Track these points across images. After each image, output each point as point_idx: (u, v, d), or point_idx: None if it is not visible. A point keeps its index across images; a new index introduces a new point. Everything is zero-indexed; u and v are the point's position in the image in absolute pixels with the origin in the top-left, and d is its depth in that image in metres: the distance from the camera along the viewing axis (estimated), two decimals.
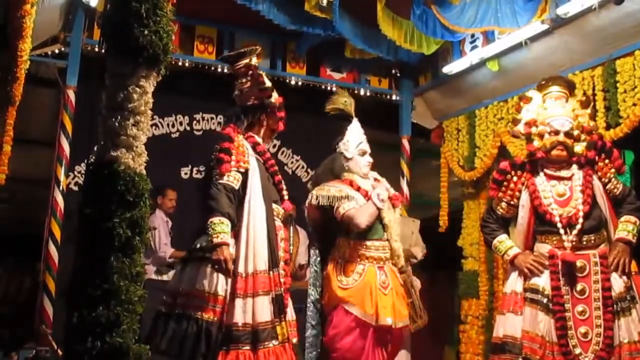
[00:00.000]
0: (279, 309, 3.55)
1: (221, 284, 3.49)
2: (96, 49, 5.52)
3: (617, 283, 3.63)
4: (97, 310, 2.29)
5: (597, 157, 3.77)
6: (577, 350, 3.52)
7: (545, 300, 3.63)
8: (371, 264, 3.93)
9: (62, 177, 5.82)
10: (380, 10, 5.67)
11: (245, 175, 3.63)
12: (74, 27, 5.93)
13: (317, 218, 4.12)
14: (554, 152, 3.73)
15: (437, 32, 5.74)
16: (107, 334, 2.27)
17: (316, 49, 6.73)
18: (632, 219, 3.69)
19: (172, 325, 3.45)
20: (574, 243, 3.66)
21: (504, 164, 3.98)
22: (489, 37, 5.93)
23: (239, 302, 3.45)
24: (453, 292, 7.51)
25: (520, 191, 3.86)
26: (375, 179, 4.24)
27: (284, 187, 3.90)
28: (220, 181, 3.55)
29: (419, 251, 6.24)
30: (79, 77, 5.94)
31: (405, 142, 7.25)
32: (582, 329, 3.55)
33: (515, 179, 3.88)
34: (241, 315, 3.43)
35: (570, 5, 5.00)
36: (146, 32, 2.46)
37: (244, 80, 3.89)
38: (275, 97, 3.98)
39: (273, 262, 3.60)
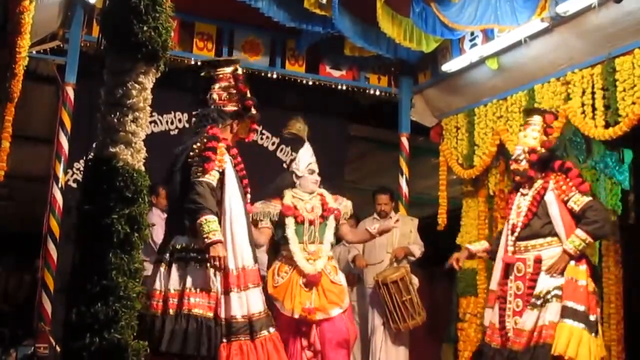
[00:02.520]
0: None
1: (212, 281, 3.67)
2: (95, 46, 5.52)
3: (546, 283, 4.32)
4: (96, 306, 2.29)
5: (555, 176, 4.50)
6: (510, 334, 4.38)
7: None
8: (295, 267, 4.54)
9: (60, 174, 5.81)
10: (379, 8, 5.67)
11: (222, 174, 3.81)
12: (72, 24, 5.90)
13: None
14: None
15: (436, 29, 5.73)
16: (106, 330, 2.27)
17: (316, 46, 6.72)
18: (582, 234, 4.30)
19: (169, 326, 3.57)
20: (514, 247, 4.55)
21: (510, 190, 5.06)
22: (488, 35, 5.92)
23: (234, 296, 3.68)
24: (451, 290, 7.52)
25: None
26: (320, 194, 4.85)
27: (248, 190, 4.11)
28: (203, 179, 3.70)
29: (417, 249, 6.27)
30: (78, 73, 5.91)
31: (404, 140, 7.25)
32: (518, 319, 4.36)
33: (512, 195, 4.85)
34: (238, 308, 3.67)
35: (570, 4, 4.99)
36: (145, 28, 2.45)
37: (224, 85, 4.09)
38: (254, 110, 4.22)
39: (254, 257, 3.87)
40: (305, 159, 4.87)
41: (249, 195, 4.11)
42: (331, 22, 5.84)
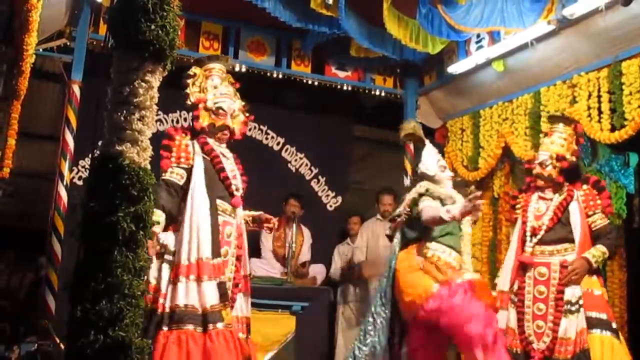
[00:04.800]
0: (221, 296, 3.81)
1: (152, 273, 3.71)
2: (102, 44, 5.53)
3: (573, 291, 4.35)
4: (100, 304, 2.28)
5: (587, 190, 4.59)
6: (531, 338, 4.40)
7: (515, 298, 4.56)
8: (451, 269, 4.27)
9: (66, 172, 5.83)
10: (385, 9, 5.66)
11: (189, 171, 3.93)
12: (79, 22, 5.93)
13: None
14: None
15: (442, 31, 5.73)
16: (110, 327, 2.27)
17: (321, 47, 6.72)
18: (603, 249, 4.41)
19: None
20: (535, 250, 4.53)
21: (514, 192, 5.11)
22: (494, 37, 5.91)
23: (181, 286, 3.72)
24: None
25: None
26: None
27: (235, 183, 4.10)
28: (162, 177, 3.86)
29: None
30: (84, 71, 5.95)
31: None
32: (539, 323, 4.39)
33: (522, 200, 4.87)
34: (184, 297, 3.70)
35: (577, 6, 4.99)
36: (153, 26, 2.45)
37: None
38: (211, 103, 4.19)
39: (214, 252, 3.84)
40: (431, 157, 4.66)
41: (239, 190, 4.11)
42: (337, 23, 5.84)
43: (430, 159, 4.63)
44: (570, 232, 4.49)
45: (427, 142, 4.73)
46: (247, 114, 4.28)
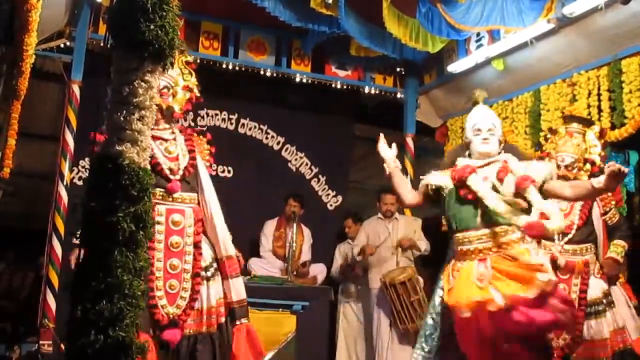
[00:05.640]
0: None
1: None
2: (101, 44, 5.53)
3: (596, 290, 4.46)
4: (101, 304, 2.28)
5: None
6: (550, 335, 4.19)
7: None
8: (470, 259, 3.55)
9: (66, 172, 5.83)
10: (385, 8, 5.66)
11: None
12: (79, 22, 5.94)
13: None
14: None
15: (442, 30, 5.73)
16: (110, 327, 2.27)
17: (321, 46, 6.73)
18: (622, 243, 4.59)
19: None
20: (563, 248, 4.51)
21: None
22: (494, 36, 5.92)
23: None
24: None
25: None
26: (504, 162, 3.69)
27: (171, 166, 3.65)
28: None
29: (423, 244, 6.30)
30: (84, 71, 5.95)
31: (410, 141, 7.25)
32: None
33: None
34: None
35: (577, 5, 4.99)
36: (152, 26, 2.44)
37: None
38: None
39: None
40: (469, 123, 3.85)
41: (176, 173, 3.63)
42: (337, 22, 5.85)
43: (468, 125, 3.87)
44: (590, 234, 4.56)
45: (476, 106, 3.97)
46: (195, 93, 3.83)
